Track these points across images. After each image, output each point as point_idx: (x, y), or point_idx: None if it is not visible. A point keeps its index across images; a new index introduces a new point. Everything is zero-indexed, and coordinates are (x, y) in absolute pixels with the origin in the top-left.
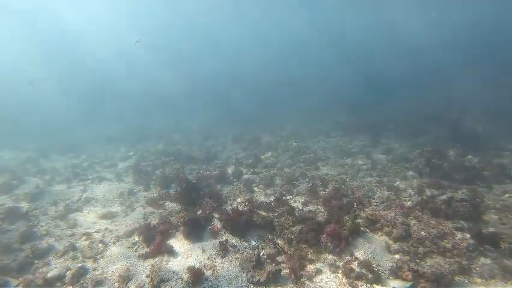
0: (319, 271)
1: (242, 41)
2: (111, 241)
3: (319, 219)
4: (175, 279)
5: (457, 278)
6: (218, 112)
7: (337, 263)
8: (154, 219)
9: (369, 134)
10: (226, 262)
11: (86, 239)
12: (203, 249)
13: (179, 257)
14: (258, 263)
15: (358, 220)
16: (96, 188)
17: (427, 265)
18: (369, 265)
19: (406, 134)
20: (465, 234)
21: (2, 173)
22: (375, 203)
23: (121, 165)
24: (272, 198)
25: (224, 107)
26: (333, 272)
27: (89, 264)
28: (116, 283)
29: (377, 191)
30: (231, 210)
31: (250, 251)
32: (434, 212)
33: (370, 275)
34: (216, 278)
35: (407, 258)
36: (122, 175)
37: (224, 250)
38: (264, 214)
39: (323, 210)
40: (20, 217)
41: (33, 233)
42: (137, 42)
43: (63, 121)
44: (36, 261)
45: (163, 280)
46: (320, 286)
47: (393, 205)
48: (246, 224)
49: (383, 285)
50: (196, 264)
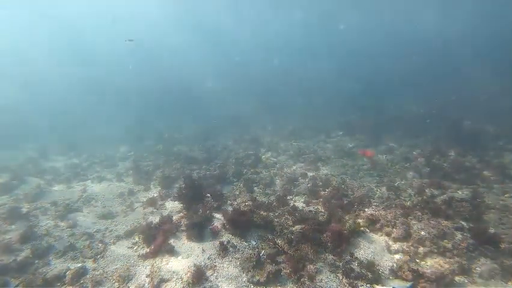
0: (319, 271)
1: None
2: (111, 241)
3: (319, 219)
4: (175, 279)
5: (457, 278)
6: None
7: (337, 263)
8: (155, 219)
9: (369, 134)
10: (226, 262)
11: (86, 239)
12: (203, 249)
13: (179, 257)
14: (258, 263)
15: (358, 220)
16: (96, 188)
17: (427, 265)
18: (369, 265)
19: (406, 134)
20: (465, 234)
21: (2, 173)
22: (375, 203)
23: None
24: (272, 198)
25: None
26: (333, 272)
27: (89, 264)
28: (116, 283)
29: (377, 191)
30: (232, 209)
31: (250, 251)
32: (434, 212)
33: (370, 275)
34: (216, 278)
35: (407, 258)
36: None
37: (224, 250)
38: (264, 214)
39: (323, 210)
40: (20, 217)
41: (33, 233)
42: (128, 40)
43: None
44: (36, 261)
45: (163, 280)
46: (320, 286)
47: (393, 205)
48: (246, 224)
49: (383, 285)
50: (196, 264)
